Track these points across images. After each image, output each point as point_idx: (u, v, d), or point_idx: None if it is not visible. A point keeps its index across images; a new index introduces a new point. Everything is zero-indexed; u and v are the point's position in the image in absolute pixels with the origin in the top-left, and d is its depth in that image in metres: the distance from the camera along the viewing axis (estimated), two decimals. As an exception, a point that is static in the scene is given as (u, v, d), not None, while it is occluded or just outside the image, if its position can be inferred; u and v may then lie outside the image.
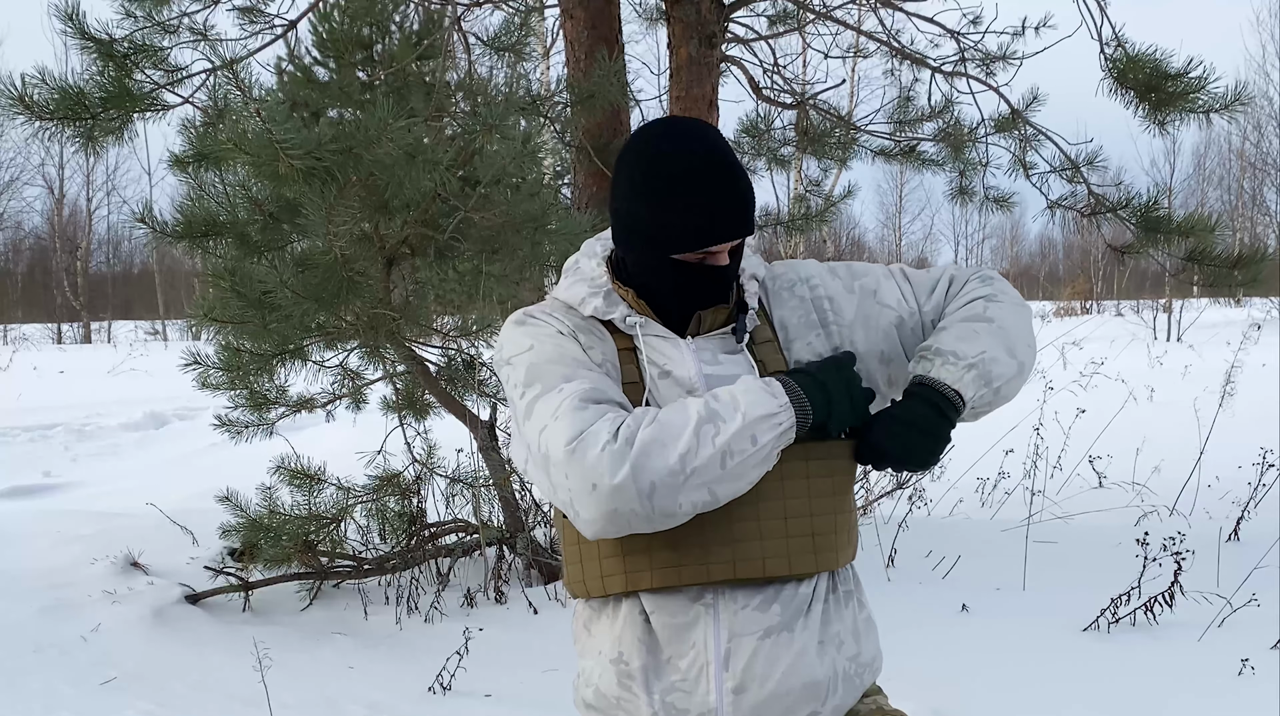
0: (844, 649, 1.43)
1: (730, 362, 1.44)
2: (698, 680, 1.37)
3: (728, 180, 1.41)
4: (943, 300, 1.54)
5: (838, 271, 1.56)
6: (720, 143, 1.45)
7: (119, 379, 15.18)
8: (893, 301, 1.52)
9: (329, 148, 2.79)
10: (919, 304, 1.53)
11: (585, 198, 4.57)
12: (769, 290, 1.53)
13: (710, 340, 1.47)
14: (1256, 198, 30.60)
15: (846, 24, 6.06)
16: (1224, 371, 8.15)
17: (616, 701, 1.43)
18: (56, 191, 31.03)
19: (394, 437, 4.60)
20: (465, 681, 3.29)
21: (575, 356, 1.40)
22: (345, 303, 3.57)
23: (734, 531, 1.37)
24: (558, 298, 1.54)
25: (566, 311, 1.50)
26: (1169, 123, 4.27)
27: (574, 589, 1.49)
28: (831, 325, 1.50)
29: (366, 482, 4.40)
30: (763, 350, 1.47)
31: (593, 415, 1.30)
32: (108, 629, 3.74)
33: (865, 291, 1.53)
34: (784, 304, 1.52)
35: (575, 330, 1.45)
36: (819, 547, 1.41)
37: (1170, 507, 5.37)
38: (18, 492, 7.01)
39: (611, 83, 4.25)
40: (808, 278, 1.54)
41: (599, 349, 1.44)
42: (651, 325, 1.47)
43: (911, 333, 1.52)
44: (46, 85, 3.23)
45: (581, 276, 1.53)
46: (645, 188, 1.42)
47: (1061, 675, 3.28)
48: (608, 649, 1.44)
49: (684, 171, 1.40)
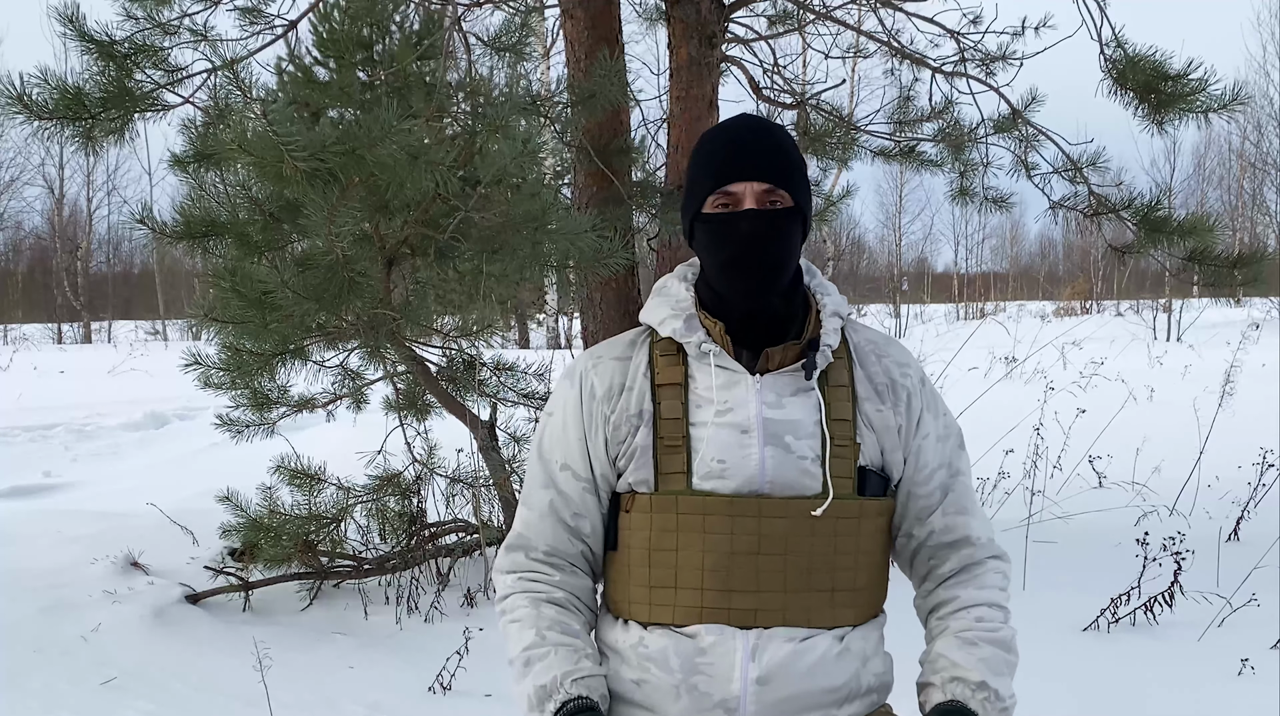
0: (869, 665, 1.46)
1: (795, 405, 1.43)
2: (724, 666, 1.38)
3: (755, 130, 1.45)
4: (942, 529, 1.50)
5: (928, 383, 1.55)
6: (774, 124, 1.50)
7: (119, 379, 15.16)
8: (924, 463, 1.50)
9: (332, 148, 2.78)
10: (928, 503, 1.50)
11: (586, 198, 4.57)
12: (856, 346, 1.51)
13: (779, 378, 1.44)
14: (1256, 198, 30.58)
15: (846, 24, 6.05)
16: (1224, 371, 8.16)
17: (635, 684, 1.44)
18: (56, 191, 31.03)
19: (394, 437, 4.60)
20: (465, 681, 3.29)
21: (569, 447, 1.50)
22: (346, 303, 3.57)
23: (760, 581, 1.40)
24: (641, 319, 1.55)
25: (629, 345, 1.53)
26: (1168, 123, 4.27)
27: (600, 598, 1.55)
28: (899, 413, 1.48)
29: (367, 482, 4.40)
30: (834, 394, 1.45)
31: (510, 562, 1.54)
32: (108, 629, 3.74)
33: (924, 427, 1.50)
34: (869, 364, 1.50)
35: (606, 395, 1.48)
36: (837, 603, 1.43)
37: (1170, 507, 5.37)
38: (18, 492, 7.00)
39: (612, 83, 4.24)
40: (904, 363, 1.53)
41: (621, 410, 1.47)
42: (723, 356, 1.45)
43: (908, 496, 1.50)
44: (46, 85, 3.22)
45: (666, 297, 1.52)
46: (691, 156, 1.51)
47: (1061, 675, 3.28)
48: (627, 631, 1.47)
49: (720, 130, 1.48)
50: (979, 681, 1.40)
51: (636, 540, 1.44)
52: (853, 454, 1.43)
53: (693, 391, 1.45)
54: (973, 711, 1.38)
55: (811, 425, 1.42)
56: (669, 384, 1.45)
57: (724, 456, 1.41)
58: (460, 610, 4.08)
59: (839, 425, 1.43)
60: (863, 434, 1.45)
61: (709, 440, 1.41)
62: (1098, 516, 5.22)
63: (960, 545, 1.51)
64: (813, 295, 1.51)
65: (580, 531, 1.50)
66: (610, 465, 1.48)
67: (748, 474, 1.40)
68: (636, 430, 1.45)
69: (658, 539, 1.42)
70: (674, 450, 1.43)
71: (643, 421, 1.45)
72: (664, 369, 1.47)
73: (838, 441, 1.42)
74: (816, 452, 1.41)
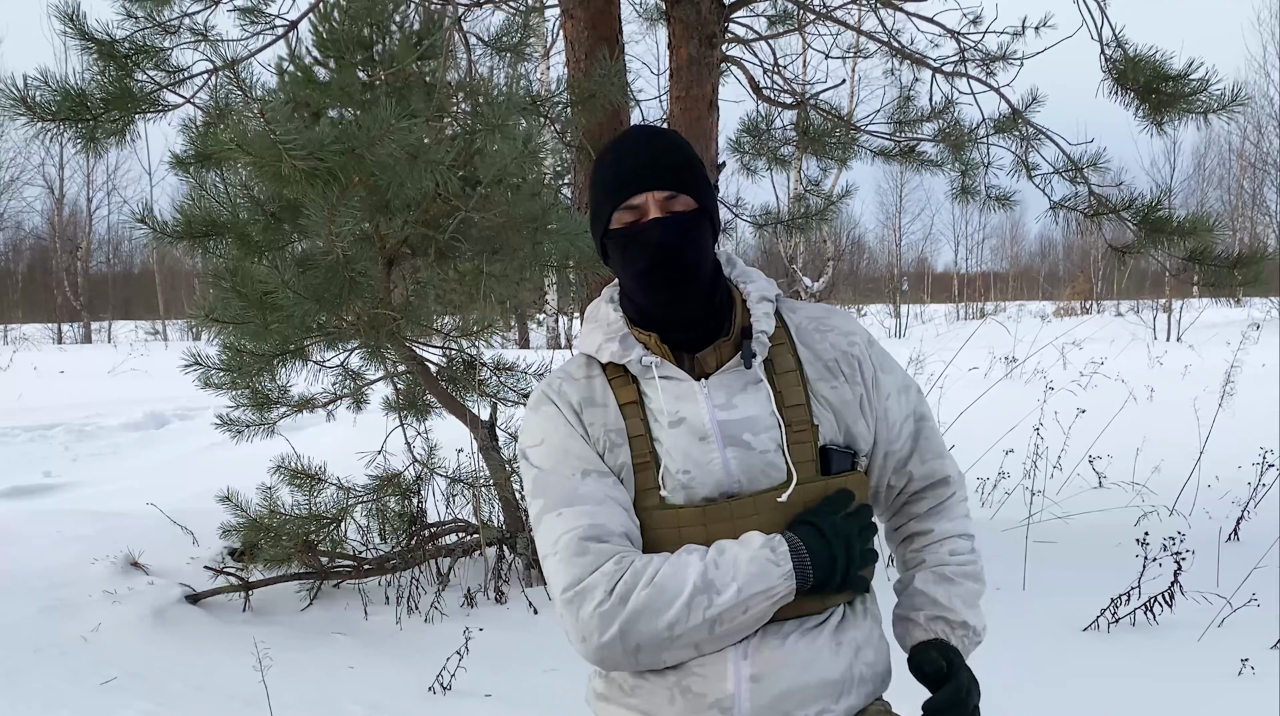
0: (861, 654, 1.46)
1: (746, 401, 1.43)
2: (717, 666, 1.38)
3: (648, 139, 1.47)
4: (926, 465, 1.56)
5: (874, 344, 1.56)
6: (664, 129, 1.52)
7: (119, 379, 15.16)
8: (892, 423, 1.53)
9: (332, 148, 2.78)
10: (902, 453, 1.54)
11: (585, 198, 4.57)
12: (797, 327, 1.52)
13: (724, 377, 1.45)
14: (1256, 198, 30.60)
15: (846, 24, 6.06)
16: (1224, 371, 8.15)
17: (632, 689, 1.44)
18: (56, 191, 31.03)
19: (394, 437, 4.60)
20: (465, 681, 3.29)
21: (579, 456, 1.43)
22: (346, 303, 3.57)
23: None
24: (576, 349, 1.56)
25: (583, 367, 1.52)
26: (1169, 123, 4.28)
27: None
28: (855, 383, 1.49)
29: (367, 482, 4.40)
30: (784, 380, 1.46)
31: (591, 561, 1.36)
32: (108, 629, 3.74)
33: (883, 388, 1.52)
34: (814, 343, 1.50)
35: (581, 406, 1.47)
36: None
37: (1170, 507, 5.37)
38: (18, 492, 7.00)
39: (612, 83, 4.25)
40: (849, 332, 1.53)
41: (600, 423, 1.45)
42: (666, 367, 1.45)
43: (884, 455, 1.53)
44: (48, 86, 3.23)
45: (598, 322, 1.53)
46: (590, 179, 1.52)
47: (1061, 675, 3.28)
48: None
49: (614, 144, 1.49)
50: (960, 621, 1.50)
51: None
52: (812, 437, 1.44)
53: (649, 407, 1.45)
54: (954, 647, 1.48)
55: (767, 417, 1.42)
56: (628, 402, 1.46)
57: (688, 466, 1.42)
58: (460, 610, 4.08)
59: (793, 411, 1.44)
60: (819, 414, 1.46)
61: (671, 452, 1.42)
62: (1098, 516, 5.22)
63: (939, 486, 1.58)
64: (734, 285, 1.52)
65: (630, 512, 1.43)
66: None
67: (715, 479, 1.41)
68: (616, 447, 1.45)
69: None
70: (645, 467, 1.44)
71: (621, 440, 1.45)
72: (619, 390, 1.47)
73: (795, 427, 1.43)
74: (778, 442, 1.42)
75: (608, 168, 1.47)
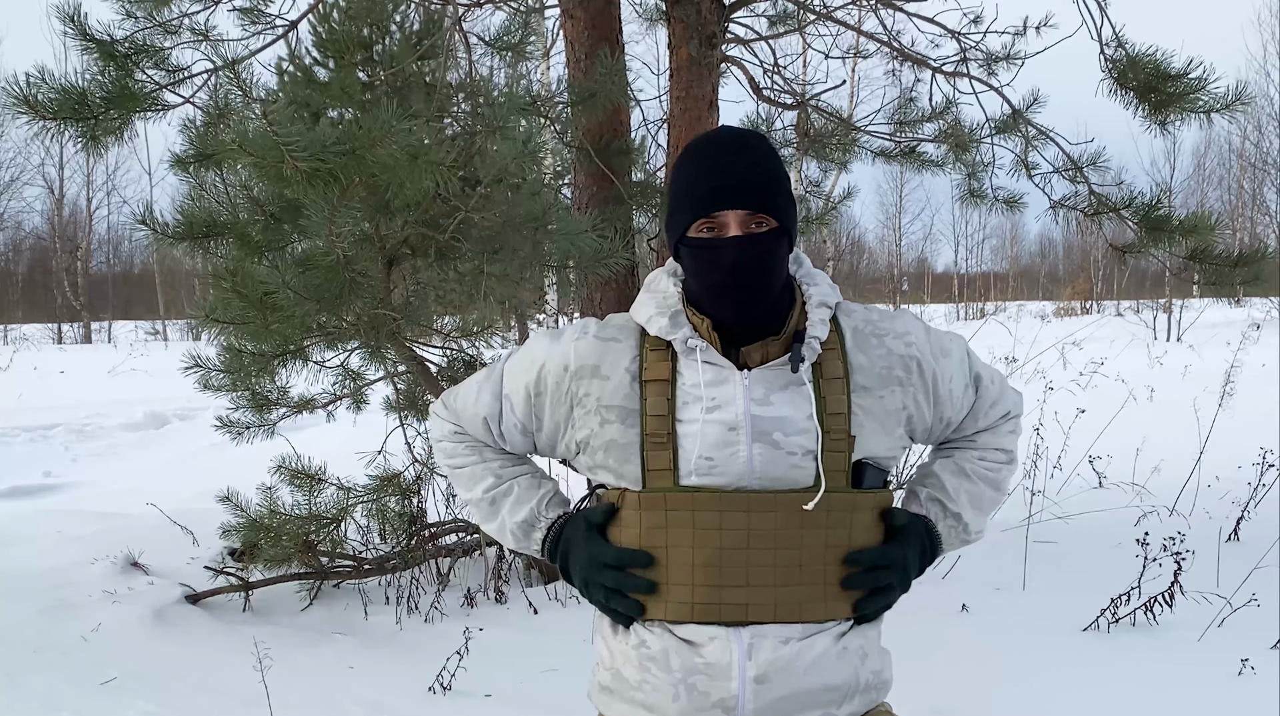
0: (867, 661, 1.46)
1: (783, 401, 1.41)
2: (722, 666, 1.39)
3: (738, 149, 1.43)
4: (983, 419, 1.58)
5: (929, 330, 1.54)
6: (753, 134, 1.47)
7: (119, 379, 15.18)
8: (954, 400, 1.54)
9: (333, 149, 2.78)
10: (963, 416, 1.56)
11: (586, 198, 4.57)
12: (854, 330, 1.48)
13: (766, 373, 1.43)
14: (1256, 198, 30.63)
15: (847, 24, 6.05)
16: (1224, 371, 8.16)
17: (637, 685, 1.44)
18: (56, 191, 31.06)
19: (394, 437, 4.60)
20: (465, 681, 3.29)
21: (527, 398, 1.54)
22: (346, 303, 3.57)
23: (750, 576, 1.40)
24: (631, 314, 1.53)
25: (618, 329, 1.51)
26: (1169, 123, 4.27)
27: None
28: (910, 386, 1.48)
29: (367, 482, 4.40)
30: (829, 387, 1.43)
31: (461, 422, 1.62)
32: (108, 629, 3.74)
33: (943, 373, 1.52)
34: (869, 349, 1.47)
35: (580, 372, 1.48)
36: (829, 596, 1.43)
37: (1170, 508, 5.37)
38: (18, 492, 7.01)
39: (612, 83, 4.25)
40: (904, 332, 1.50)
41: (594, 395, 1.47)
42: (710, 352, 1.43)
43: (945, 425, 1.56)
44: (48, 85, 3.22)
45: (654, 293, 1.50)
46: (672, 172, 1.50)
47: (1061, 675, 3.28)
48: (629, 633, 1.46)
49: (702, 147, 1.46)
50: (955, 512, 1.54)
51: (628, 537, 1.44)
52: (847, 447, 1.42)
53: (680, 387, 1.43)
54: (937, 532, 1.53)
55: (803, 420, 1.40)
56: (656, 380, 1.44)
57: (712, 454, 1.40)
58: (460, 610, 4.08)
59: (833, 418, 1.42)
60: (861, 424, 1.43)
61: (697, 437, 1.40)
62: (1098, 516, 5.22)
63: (1002, 421, 1.61)
64: (799, 286, 1.50)
65: (503, 443, 1.60)
66: (557, 431, 1.52)
67: (736, 471, 1.40)
68: (608, 423, 1.44)
69: (648, 537, 1.42)
70: (660, 447, 1.42)
71: (620, 418, 1.44)
72: (653, 364, 1.45)
73: (833, 435, 1.41)
74: (807, 447, 1.40)
75: (692, 173, 1.44)
